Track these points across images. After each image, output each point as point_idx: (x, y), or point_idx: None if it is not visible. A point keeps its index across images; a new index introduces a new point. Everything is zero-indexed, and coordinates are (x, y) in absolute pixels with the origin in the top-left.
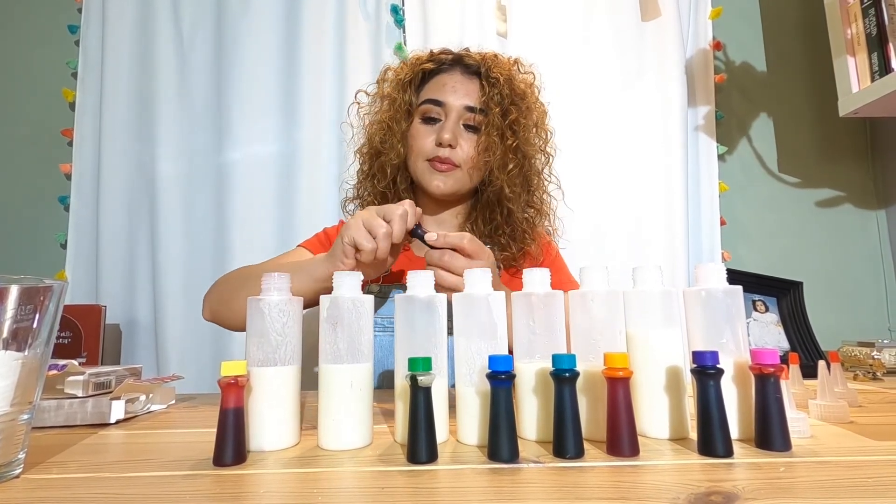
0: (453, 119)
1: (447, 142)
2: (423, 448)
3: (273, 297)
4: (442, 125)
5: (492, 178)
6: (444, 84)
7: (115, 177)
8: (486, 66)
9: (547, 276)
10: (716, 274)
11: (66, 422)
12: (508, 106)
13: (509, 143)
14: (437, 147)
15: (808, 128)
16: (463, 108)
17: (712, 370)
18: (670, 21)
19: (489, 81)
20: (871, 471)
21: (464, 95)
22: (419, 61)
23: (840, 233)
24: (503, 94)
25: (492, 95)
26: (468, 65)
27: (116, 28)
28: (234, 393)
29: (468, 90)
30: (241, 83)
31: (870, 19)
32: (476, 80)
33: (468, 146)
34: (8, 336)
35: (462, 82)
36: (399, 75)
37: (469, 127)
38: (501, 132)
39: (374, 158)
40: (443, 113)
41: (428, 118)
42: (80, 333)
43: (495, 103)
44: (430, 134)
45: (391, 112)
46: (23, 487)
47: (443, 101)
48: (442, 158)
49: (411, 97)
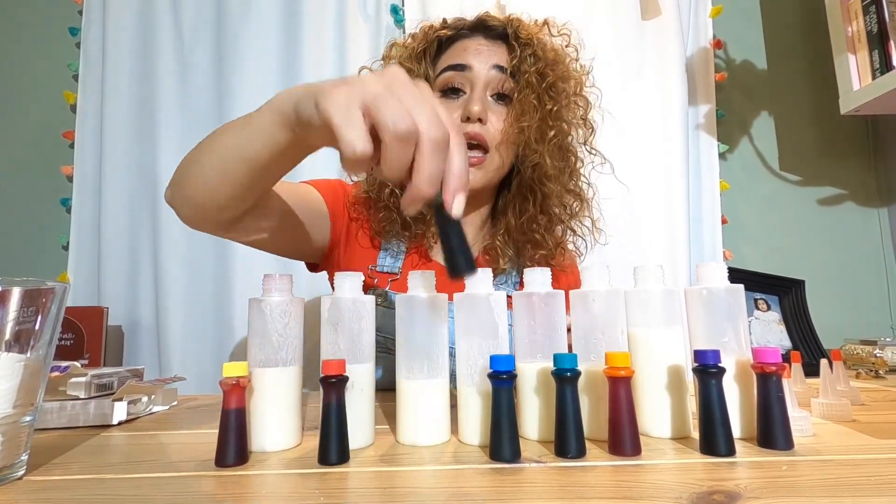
0: (480, 87)
1: (476, 115)
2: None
3: (274, 298)
4: (468, 97)
5: (527, 153)
6: (466, 48)
7: (116, 178)
8: (514, 27)
9: (548, 276)
10: (717, 272)
11: (68, 423)
12: (544, 68)
13: (548, 107)
14: (463, 123)
15: (809, 126)
16: (491, 70)
17: (714, 369)
18: (671, 20)
19: (519, 42)
20: (873, 469)
21: (489, 56)
22: (433, 29)
23: (842, 231)
24: (537, 55)
25: (524, 58)
26: (491, 27)
27: (117, 30)
28: (236, 394)
29: (495, 51)
30: (241, 84)
31: (870, 17)
32: (502, 44)
33: (498, 121)
34: (10, 338)
35: (487, 45)
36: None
37: (499, 97)
38: (539, 95)
39: None
40: (467, 82)
41: (450, 89)
42: (83, 335)
43: (528, 66)
44: (453, 110)
45: None
46: (25, 489)
47: (466, 63)
48: (471, 135)
49: (427, 69)
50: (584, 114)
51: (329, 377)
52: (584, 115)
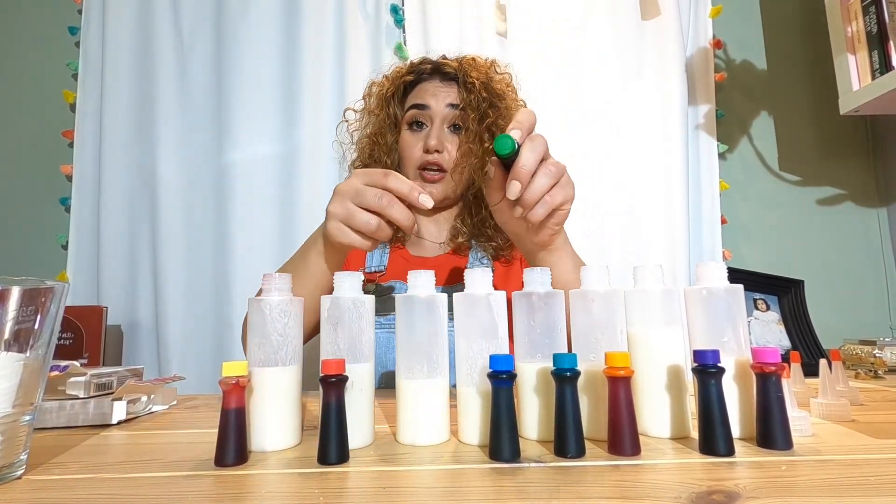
0: (437, 123)
1: (433, 147)
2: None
3: (274, 298)
4: (428, 131)
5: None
6: (426, 90)
7: (115, 178)
8: (462, 71)
9: (547, 276)
10: (717, 272)
11: (67, 423)
12: (486, 109)
13: (487, 146)
14: (424, 154)
15: (808, 126)
16: (445, 108)
17: (713, 369)
18: (670, 20)
19: (466, 87)
20: (873, 469)
21: (445, 97)
22: (399, 74)
23: (841, 231)
24: (480, 98)
25: (469, 101)
26: (446, 72)
27: (116, 29)
28: (236, 393)
29: (448, 93)
30: (240, 84)
31: (870, 17)
32: (454, 85)
33: (453, 148)
34: (9, 337)
35: (441, 87)
36: (381, 90)
37: (454, 128)
38: (479, 136)
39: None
40: (428, 118)
41: (414, 122)
42: (82, 335)
43: (472, 108)
44: (417, 142)
45: (377, 126)
46: (25, 488)
47: (425, 104)
48: (431, 162)
49: (395, 110)
50: None
51: (329, 377)
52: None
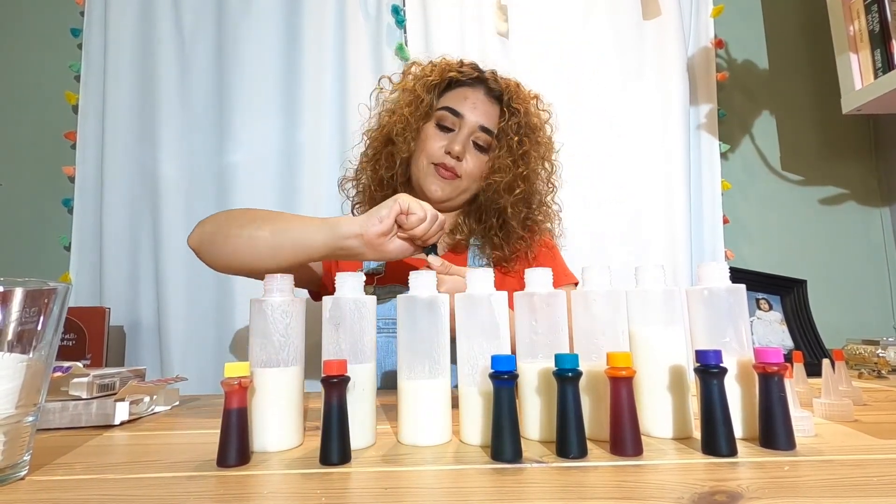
0: (465, 133)
1: (456, 153)
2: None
3: (276, 299)
4: (454, 136)
5: (495, 195)
6: (466, 97)
7: (118, 179)
8: (510, 94)
9: (549, 276)
10: (718, 272)
11: (70, 423)
12: (523, 136)
13: (520, 170)
14: (444, 155)
15: (810, 125)
16: (477, 126)
17: (716, 369)
18: (671, 19)
19: (510, 110)
20: (875, 469)
21: (482, 115)
22: (449, 68)
23: (844, 230)
24: (520, 125)
25: (510, 123)
26: (492, 88)
27: (118, 31)
28: (238, 394)
29: (486, 111)
30: (241, 85)
31: (872, 16)
32: (496, 105)
33: (473, 162)
34: (13, 338)
35: (483, 102)
36: (427, 76)
37: (477, 145)
38: (515, 159)
39: (383, 146)
40: (458, 124)
41: (443, 125)
42: (85, 335)
43: (513, 131)
44: (441, 140)
45: (412, 108)
46: (28, 489)
47: (461, 113)
48: (448, 166)
49: (433, 100)
50: (549, 176)
51: (331, 377)
52: (548, 178)
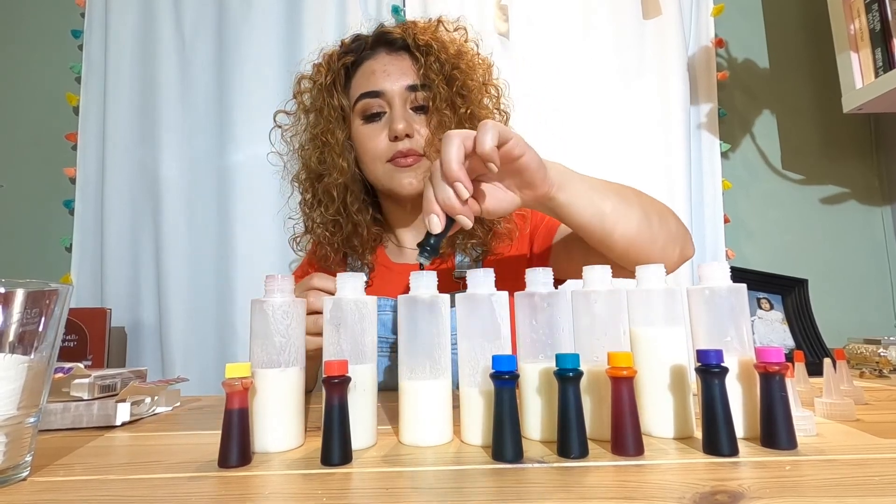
0: (398, 106)
1: (402, 132)
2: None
3: (276, 299)
4: (389, 116)
5: None
6: (374, 71)
7: (119, 180)
8: (411, 35)
9: (549, 276)
10: (719, 272)
11: (72, 424)
12: (451, 71)
13: (462, 111)
14: (393, 142)
15: (811, 124)
16: (404, 90)
17: (717, 369)
18: (672, 19)
19: (420, 51)
20: (877, 469)
21: (400, 76)
22: (335, 57)
23: (845, 229)
24: (441, 61)
25: (429, 65)
26: (391, 41)
27: (119, 32)
28: (239, 395)
29: (402, 68)
30: (242, 86)
31: (873, 14)
32: (406, 55)
33: (424, 130)
34: (14, 339)
35: (392, 62)
36: (318, 80)
37: (417, 108)
38: (451, 102)
39: (315, 183)
40: (384, 104)
41: (370, 115)
42: (86, 336)
43: (435, 73)
44: (379, 132)
45: (321, 124)
46: (30, 490)
47: (379, 89)
48: (403, 152)
49: (340, 100)
50: (497, 103)
51: (332, 378)
52: (496, 105)
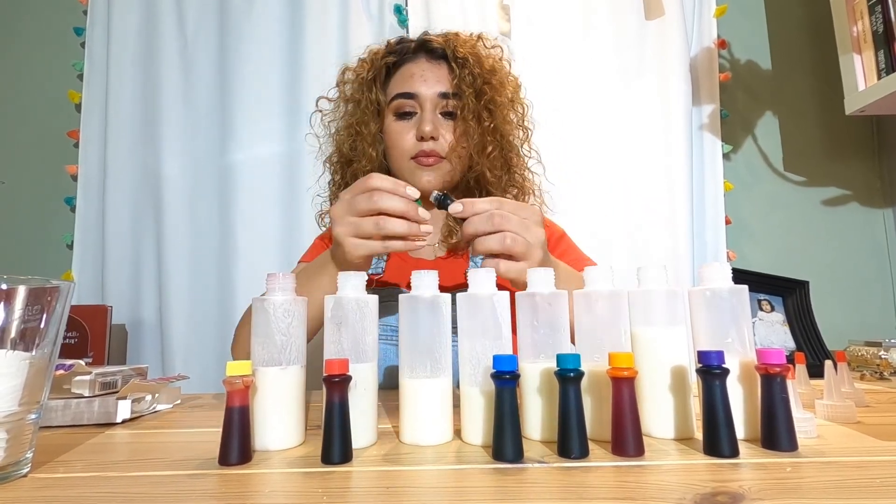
0: (429, 109)
1: (429, 134)
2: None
3: (278, 298)
4: (420, 117)
5: (471, 163)
6: (412, 74)
7: (120, 178)
8: (451, 47)
9: (551, 276)
10: (721, 273)
11: (72, 421)
12: (482, 86)
13: (486, 124)
14: (418, 142)
15: (814, 126)
16: (437, 96)
17: (718, 370)
18: (674, 19)
19: (457, 63)
20: (878, 471)
21: (435, 82)
22: (379, 55)
23: (847, 231)
24: (474, 74)
25: (463, 77)
26: (432, 49)
27: (121, 30)
28: (240, 393)
29: (438, 76)
30: (244, 84)
31: (876, 16)
32: (444, 64)
33: (449, 135)
34: (16, 336)
35: (430, 69)
36: (361, 74)
37: (446, 114)
38: (477, 114)
39: (345, 167)
40: (417, 105)
41: (402, 113)
42: (87, 333)
43: (467, 85)
44: (408, 130)
45: (358, 115)
46: (30, 486)
47: (414, 92)
48: (427, 152)
49: (378, 95)
50: (521, 120)
51: (332, 376)
52: (520, 122)
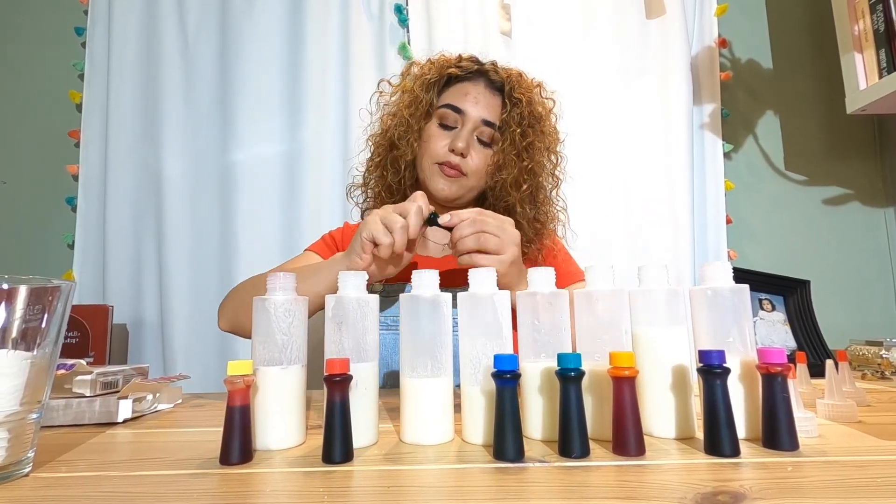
0: (468, 129)
1: (460, 150)
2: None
3: (278, 297)
4: (457, 133)
5: (502, 192)
6: (467, 93)
7: (121, 177)
8: (511, 84)
9: (552, 276)
10: (722, 273)
11: (74, 421)
12: (527, 128)
13: (525, 164)
14: (448, 153)
15: (815, 125)
16: (480, 121)
17: (719, 369)
18: (675, 18)
19: (511, 101)
20: (879, 470)
21: (483, 108)
22: (447, 64)
23: (848, 231)
24: (523, 115)
25: (513, 115)
26: (493, 80)
27: (122, 30)
28: (241, 392)
29: (488, 104)
30: (245, 84)
31: (877, 15)
32: (498, 97)
33: (478, 158)
34: (17, 336)
35: (484, 95)
36: (426, 74)
37: (481, 141)
38: (518, 152)
39: (387, 150)
40: (460, 121)
41: (445, 123)
42: (88, 333)
43: (515, 123)
44: (443, 138)
45: (412, 109)
46: (32, 486)
47: (462, 109)
48: (452, 164)
49: (433, 98)
50: (554, 168)
51: (333, 376)
52: (552, 171)
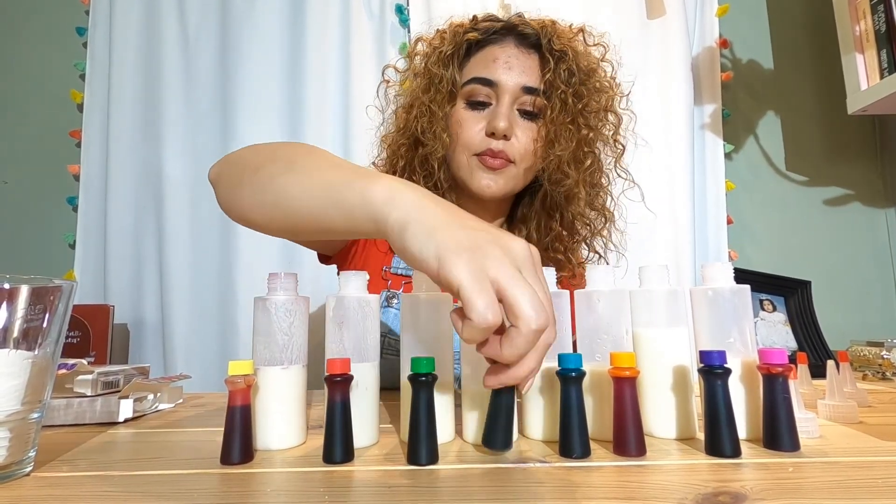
0: (507, 103)
1: (502, 131)
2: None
3: (279, 297)
4: (493, 111)
5: (558, 175)
6: (496, 58)
7: (122, 177)
8: (548, 35)
9: (553, 275)
10: (723, 273)
11: (75, 420)
12: (579, 86)
13: (584, 132)
14: (487, 138)
15: (815, 126)
16: (520, 89)
17: (720, 370)
18: (676, 19)
19: (553, 55)
20: (880, 471)
21: (520, 73)
22: (462, 29)
23: (848, 231)
24: (571, 70)
25: (558, 72)
26: (524, 34)
27: (123, 30)
28: (241, 392)
29: (525, 66)
30: (245, 84)
31: (878, 16)
32: (534, 55)
33: (525, 138)
34: (18, 336)
35: (517, 56)
36: (439, 48)
37: (525, 113)
38: (574, 118)
39: (411, 150)
40: (493, 95)
41: (474, 101)
42: (89, 333)
43: (563, 82)
44: (477, 122)
45: (432, 93)
46: (33, 485)
47: (494, 80)
48: (494, 152)
49: (455, 74)
50: (615, 133)
51: (334, 376)
52: (615, 136)
